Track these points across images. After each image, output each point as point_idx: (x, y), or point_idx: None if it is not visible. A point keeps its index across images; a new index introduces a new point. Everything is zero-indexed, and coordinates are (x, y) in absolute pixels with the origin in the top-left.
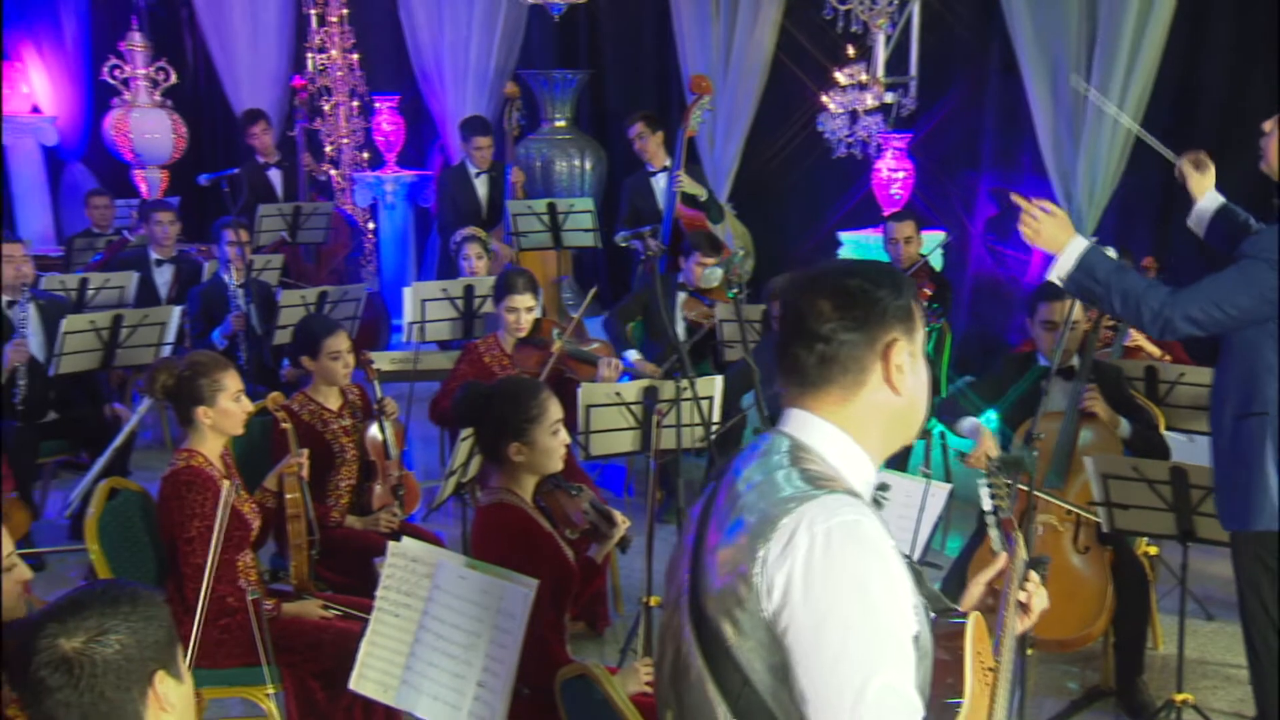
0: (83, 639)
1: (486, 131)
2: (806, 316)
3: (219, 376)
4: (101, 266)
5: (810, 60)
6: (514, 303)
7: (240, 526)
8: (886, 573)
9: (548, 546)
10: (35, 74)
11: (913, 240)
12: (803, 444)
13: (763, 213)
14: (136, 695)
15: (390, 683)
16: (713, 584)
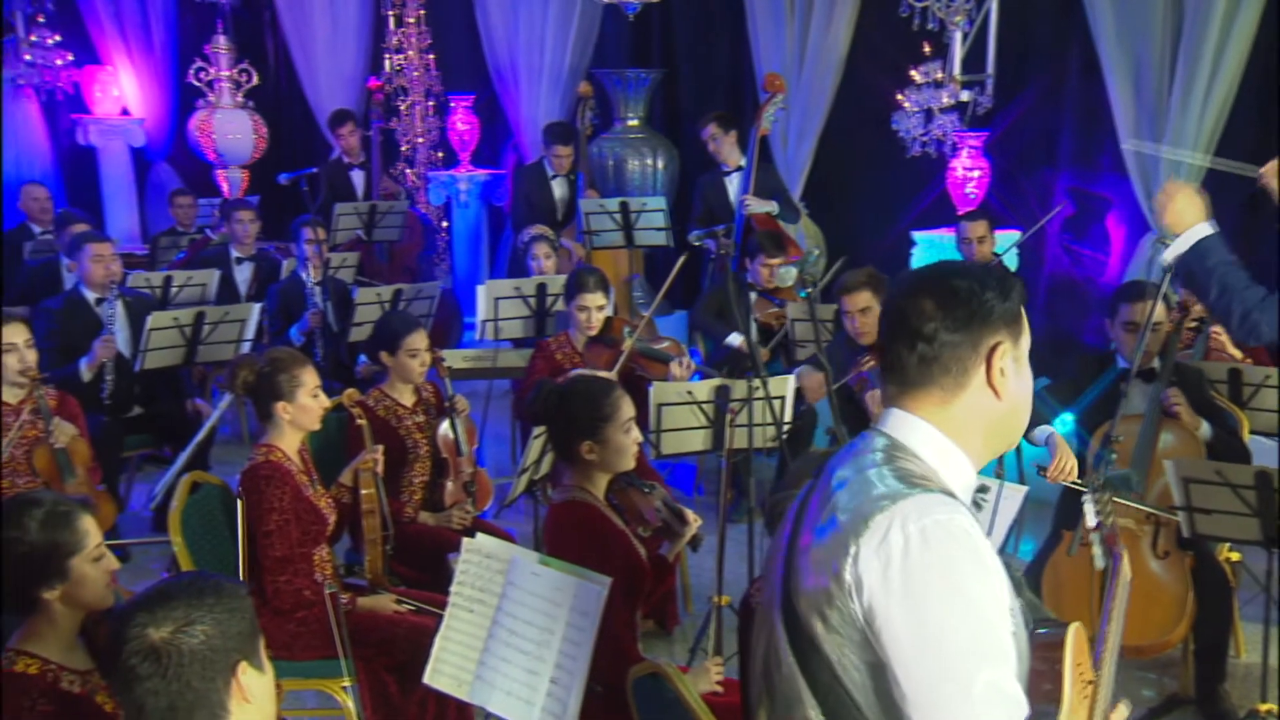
0: (170, 629)
1: (568, 140)
2: (909, 315)
3: (298, 373)
4: (185, 264)
5: (885, 58)
6: (585, 301)
7: (316, 521)
8: (983, 571)
9: (620, 544)
10: (125, 77)
11: (986, 240)
12: (899, 443)
13: (835, 212)
14: (220, 685)
15: (464, 678)
16: (804, 582)
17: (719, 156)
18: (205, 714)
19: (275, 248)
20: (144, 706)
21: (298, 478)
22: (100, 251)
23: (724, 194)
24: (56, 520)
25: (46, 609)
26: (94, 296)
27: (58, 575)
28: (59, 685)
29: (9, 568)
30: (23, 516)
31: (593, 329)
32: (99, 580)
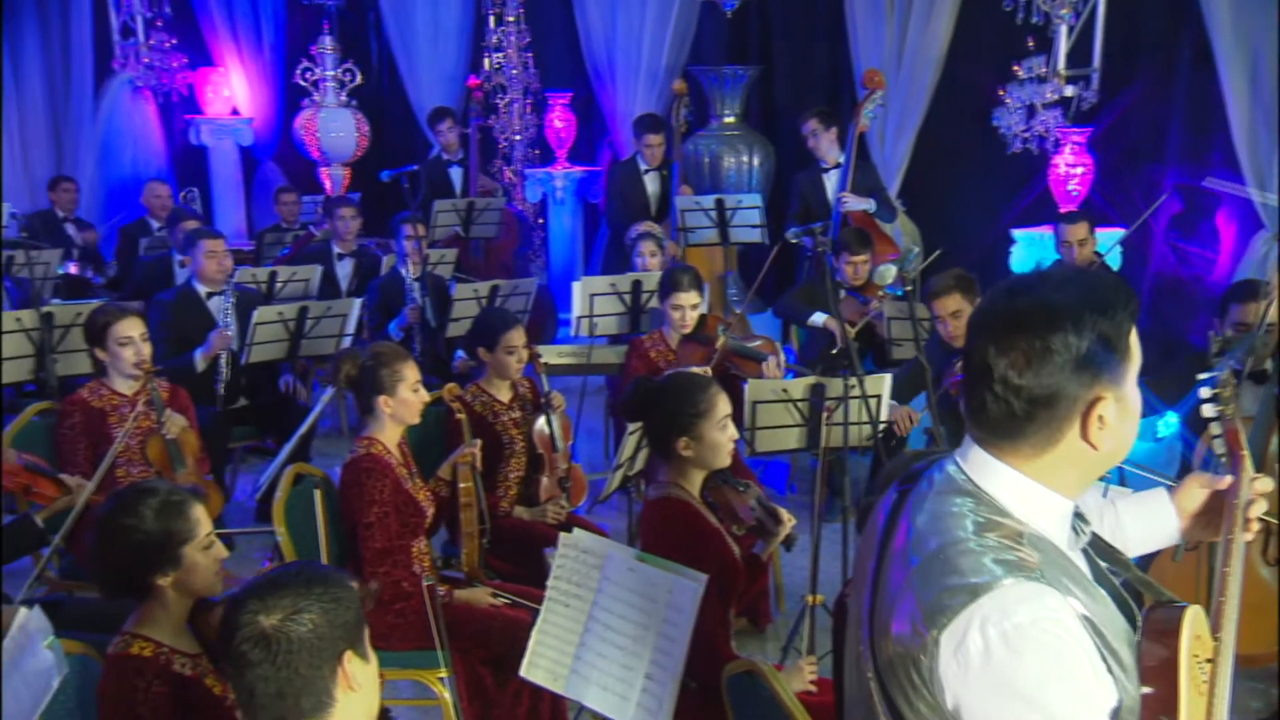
0: (280, 617)
1: (658, 129)
2: (996, 365)
3: (399, 367)
4: (288, 260)
5: (986, 53)
6: (679, 300)
7: (415, 514)
8: (1073, 672)
9: (715, 542)
10: (236, 78)
11: (1086, 242)
12: (983, 493)
13: (933, 210)
14: (327, 673)
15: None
16: (889, 627)
17: (817, 152)
18: (312, 701)
19: (375, 244)
20: (255, 691)
21: (397, 471)
22: (213, 247)
23: (821, 191)
24: (171, 509)
25: (159, 595)
26: (205, 291)
27: (171, 562)
28: (171, 667)
29: (126, 553)
30: (139, 505)
31: (686, 327)
32: (209, 568)
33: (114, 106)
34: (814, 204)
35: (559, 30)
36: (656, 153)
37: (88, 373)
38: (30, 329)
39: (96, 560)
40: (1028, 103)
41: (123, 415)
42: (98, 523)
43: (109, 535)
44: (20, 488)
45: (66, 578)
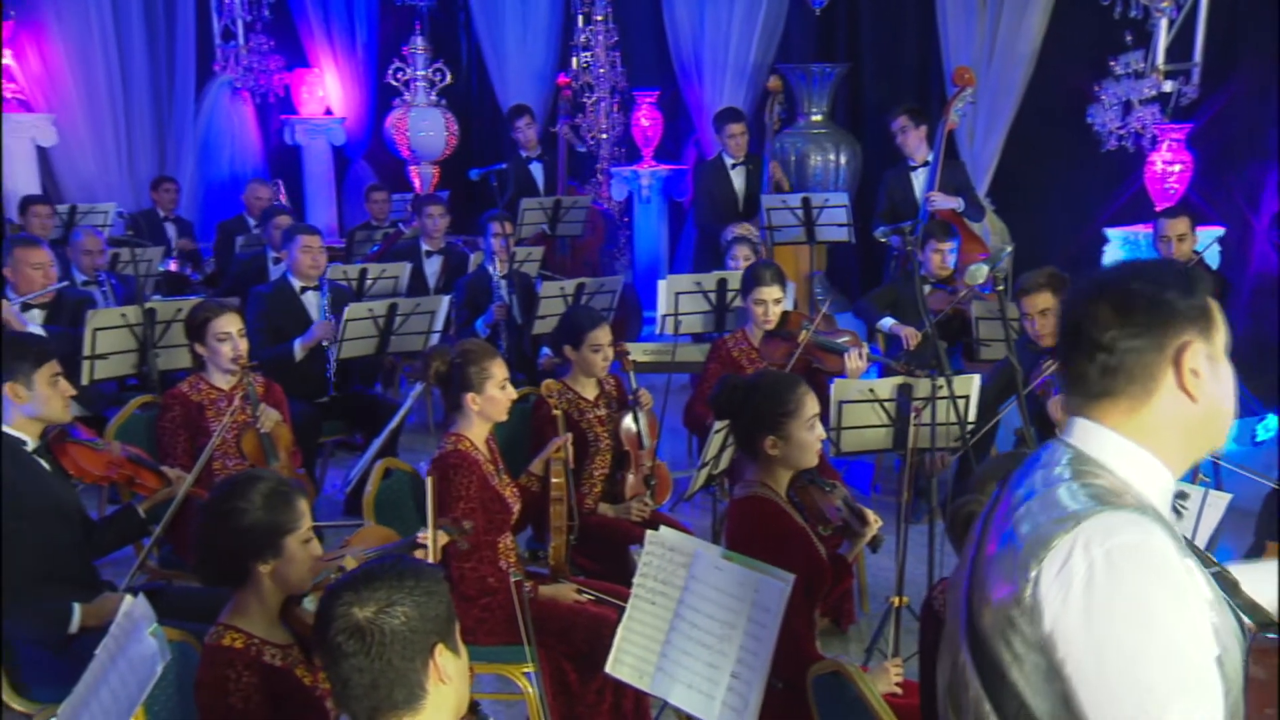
0: (373, 609)
1: (739, 119)
2: (1086, 325)
3: (488, 365)
4: (378, 257)
5: (1081, 49)
6: (762, 294)
7: (502, 510)
8: (1177, 595)
9: (801, 541)
10: (330, 79)
11: (1186, 238)
12: (1086, 456)
13: (1023, 209)
14: (419, 665)
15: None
16: (988, 597)
17: (905, 149)
18: (405, 692)
19: (463, 241)
20: (349, 681)
21: (484, 467)
22: (309, 243)
23: (909, 189)
24: (279, 498)
25: (256, 584)
26: (300, 285)
27: (272, 550)
28: (262, 658)
29: (232, 536)
30: (250, 490)
31: (769, 322)
32: (305, 562)
33: (214, 108)
34: (901, 202)
35: (646, 29)
36: (740, 142)
37: (187, 367)
38: (133, 324)
39: (202, 542)
40: (1124, 99)
41: (220, 409)
42: (207, 505)
43: (218, 517)
44: (124, 479)
45: (165, 567)
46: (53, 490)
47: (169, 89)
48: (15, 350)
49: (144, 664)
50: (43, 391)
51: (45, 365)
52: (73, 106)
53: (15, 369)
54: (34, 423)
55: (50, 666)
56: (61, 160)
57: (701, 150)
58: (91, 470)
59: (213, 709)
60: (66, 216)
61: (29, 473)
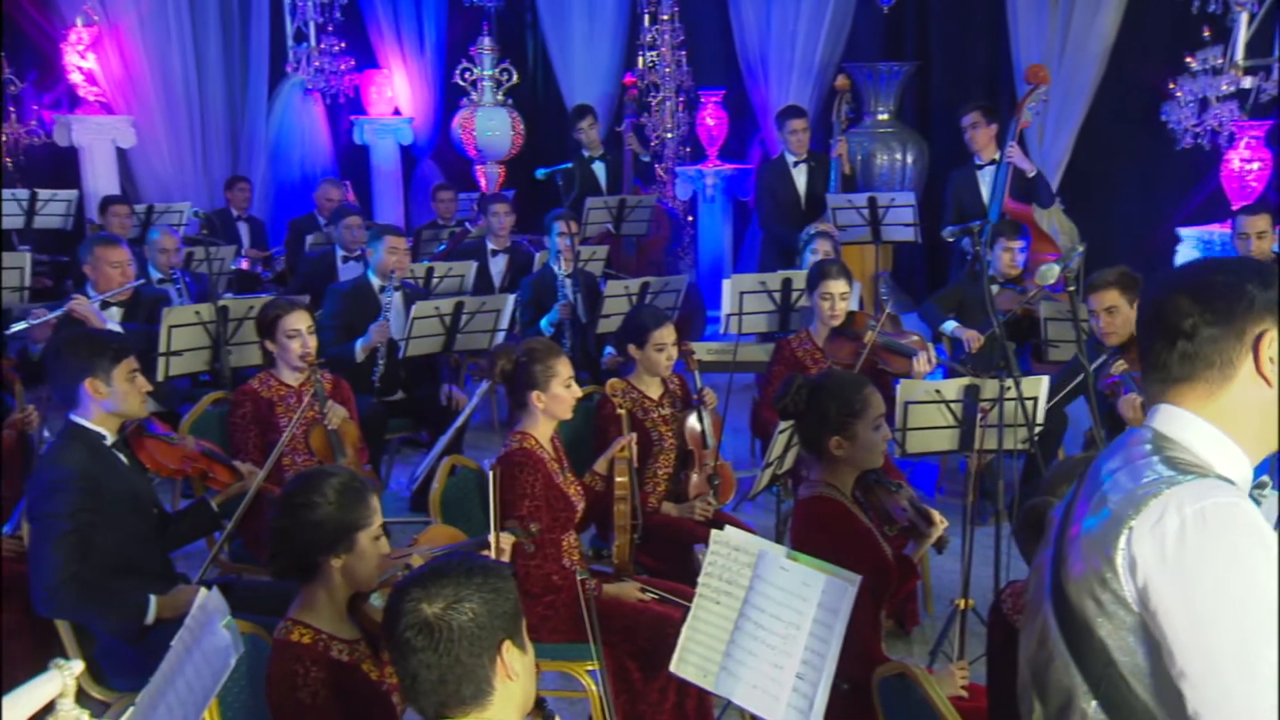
0: (442, 605)
1: (801, 115)
2: (1167, 313)
3: (553, 363)
4: (444, 256)
5: (1157, 45)
6: (828, 289)
7: (566, 508)
8: (1268, 550)
9: (867, 542)
10: (398, 79)
11: (1266, 235)
12: (1169, 436)
13: (1094, 208)
14: (486, 661)
15: (710, 668)
16: (1074, 569)
17: (974, 146)
18: (472, 688)
19: (528, 240)
20: (418, 677)
21: (549, 465)
22: (396, 244)
23: (976, 189)
24: (352, 494)
25: (326, 579)
26: (379, 284)
27: (344, 545)
28: (329, 654)
29: (305, 529)
30: (323, 485)
31: (835, 317)
32: (374, 559)
33: (285, 108)
34: (968, 202)
35: (712, 27)
36: (802, 139)
37: (258, 364)
38: (207, 322)
39: (275, 535)
40: (1200, 96)
41: (289, 405)
42: (281, 498)
43: (292, 511)
44: (198, 473)
45: (236, 561)
46: (130, 483)
47: (242, 90)
48: (94, 347)
49: (218, 656)
50: (120, 387)
51: (123, 362)
52: (151, 108)
53: (94, 365)
54: (112, 418)
55: (127, 656)
56: (139, 161)
57: (767, 149)
58: (167, 464)
59: (282, 704)
60: (144, 216)
61: (107, 466)
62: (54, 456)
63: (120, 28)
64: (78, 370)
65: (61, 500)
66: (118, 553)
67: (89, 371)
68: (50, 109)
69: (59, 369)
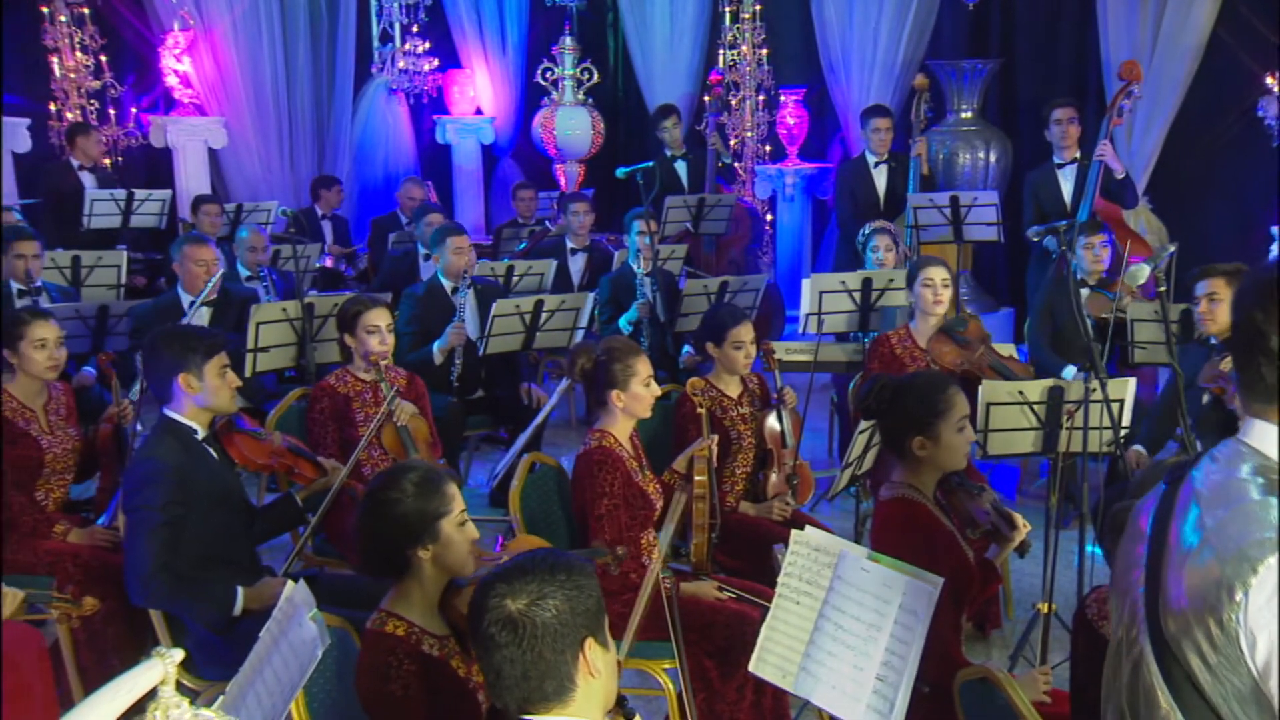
0: (525, 601)
1: (885, 114)
2: (1265, 330)
3: (632, 362)
4: (525, 254)
5: (1255, 39)
6: (930, 274)
7: (645, 506)
8: None
9: (949, 545)
10: (480, 78)
11: None
12: (1266, 459)
13: (1184, 207)
14: (569, 658)
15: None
16: (1175, 602)
17: (1060, 143)
18: (555, 684)
19: (607, 239)
20: (501, 672)
21: (628, 464)
22: (459, 244)
23: (1056, 188)
24: (429, 485)
25: (417, 571)
26: (450, 285)
27: (429, 536)
28: (421, 647)
29: (389, 526)
30: (401, 480)
31: (940, 303)
32: (462, 545)
33: (370, 108)
34: (1046, 201)
35: (794, 26)
36: (884, 139)
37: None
38: (293, 319)
39: (363, 536)
40: None
41: (365, 401)
42: (364, 500)
43: (374, 509)
44: (284, 468)
45: (320, 554)
46: (219, 478)
47: (329, 91)
48: (187, 342)
49: (305, 648)
50: (212, 382)
51: (215, 357)
52: (241, 109)
53: (187, 361)
54: (204, 412)
55: (216, 646)
56: (229, 161)
57: (847, 149)
58: (255, 459)
59: (373, 694)
60: (233, 215)
61: (198, 460)
62: (147, 450)
63: (214, 32)
64: (171, 365)
65: (154, 492)
66: (207, 545)
67: (182, 367)
68: (147, 111)
69: (153, 364)
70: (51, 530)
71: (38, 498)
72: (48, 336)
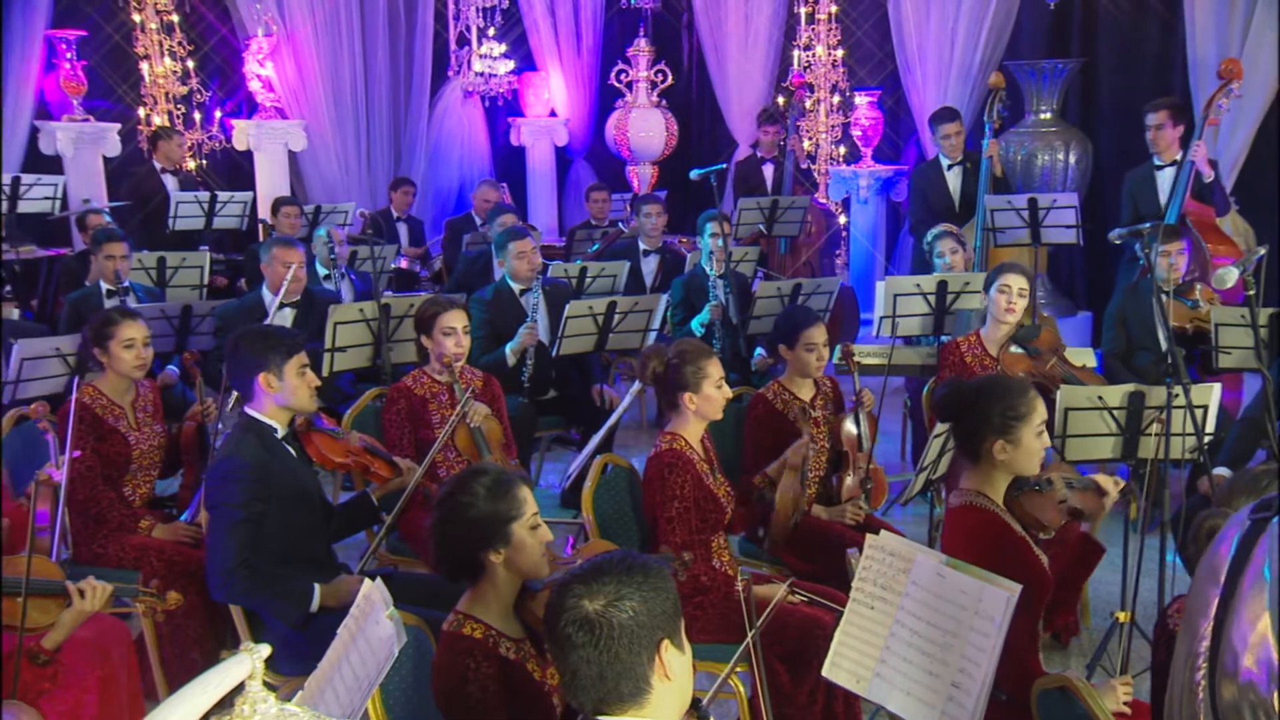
0: (603, 602)
1: (954, 118)
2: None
3: (704, 364)
4: (597, 256)
5: None
6: (1007, 280)
7: (715, 509)
8: None
9: (1020, 551)
10: (555, 81)
11: None
12: None
13: (1273, 209)
14: (645, 660)
15: (863, 674)
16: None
17: (1156, 147)
18: (630, 686)
19: (679, 240)
20: (577, 672)
21: (699, 466)
22: (522, 248)
23: (1154, 191)
24: (501, 488)
25: (491, 574)
26: (518, 287)
27: (501, 539)
28: (497, 650)
29: (462, 529)
30: (474, 483)
31: (1013, 311)
32: (535, 548)
33: (446, 111)
34: (1144, 204)
35: (871, 27)
36: (955, 143)
37: (415, 361)
38: (370, 319)
39: (437, 539)
40: None
41: (440, 403)
42: (437, 504)
43: (447, 513)
44: (360, 467)
45: (394, 553)
46: (298, 476)
47: (406, 94)
48: (268, 342)
49: (382, 645)
50: (291, 382)
51: (295, 357)
52: (320, 112)
53: (268, 360)
54: (283, 411)
55: (294, 642)
56: (308, 163)
57: (922, 151)
58: (332, 458)
59: (450, 695)
60: (311, 216)
61: (277, 458)
62: (229, 448)
63: (297, 37)
64: (253, 365)
65: (236, 490)
66: (285, 542)
67: (262, 366)
68: (231, 115)
69: (235, 363)
70: (138, 525)
71: (125, 493)
72: (135, 336)
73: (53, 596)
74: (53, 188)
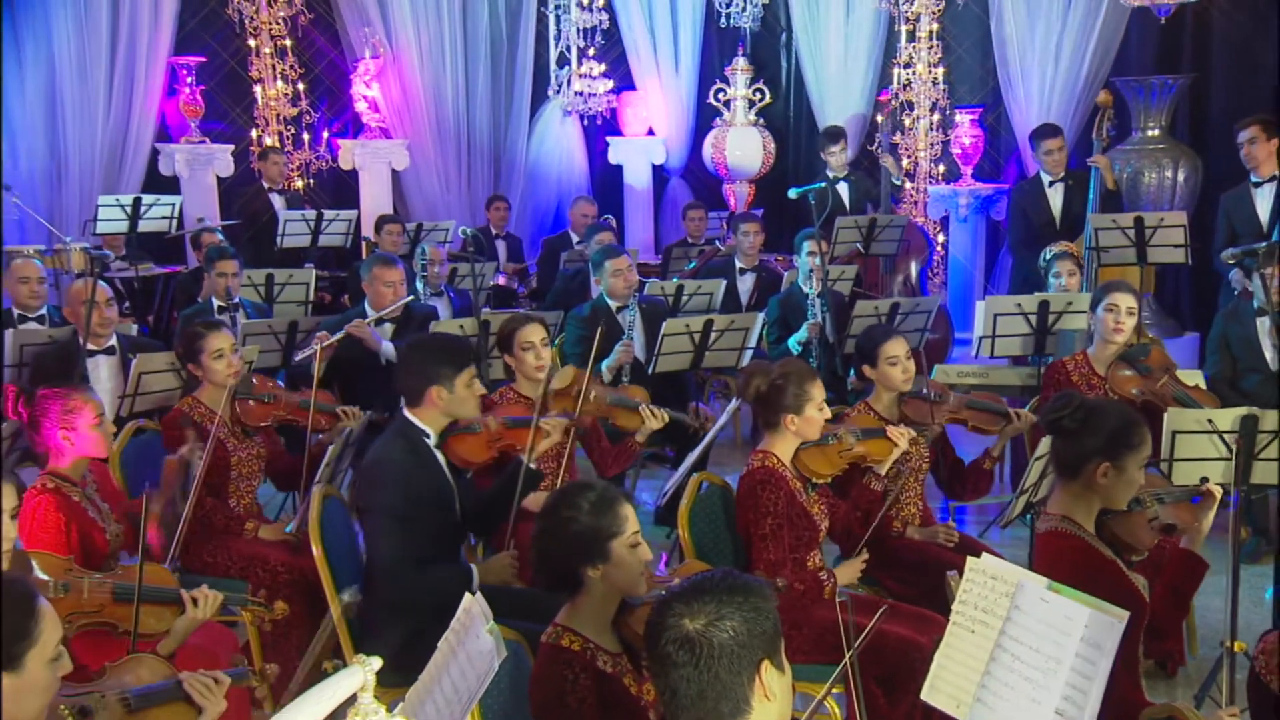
0: (703, 621)
1: (1056, 134)
2: None
3: (809, 387)
4: (694, 274)
5: None
6: (1115, 299)
7: (809, 527)
8: None
9: (1111, 578)
10: (653, 99)
11: None
12: None
13: None
14: (745, 680)
15: (963, 699)
16: None
17: (1251, 163)
18: (730, 706)
19: (776, 259)
20: (677, 691)
21: (791, 483)
22: (618, 266)
23: (1251, 209)
24: (604, 504)
25: (589, 589)
26: (615, 305)
27: (600, 555)
28: (595, 663)
29: (563, 542)
30: (578, 498)
31: (1120, 331)
32: (634, 566)
33: (545, 130)
34: (1240, 223)
35: (973, 43)
36: (1057, 159)
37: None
38: (470, 335)
39: (538, 550)
40: None
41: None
42: (541, 515)
43: (551, 525)
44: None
45: None
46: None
47: (506, 113)
48: (445, 355)
49: (482, 659)
50: (462, 393)
51: (466, 369)
52: (423, 132)
53: (440, 374)
54: (442, 419)
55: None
56: (411, 181)
57: (1023, 169)
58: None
59: (548, 707)
60: (413, 233)
61: (423, 462)
62: (380, 450)
63: (402, 59)
64: (427, 376)
65: (386, 491)
66: (423, 547)
67: (435, 379)
68: (337, 135)
69: (408, 370)
70: (243, 528)
71: (230, 504)
72: (223, 346)
73: (168, 604)
74: (170, 207)
